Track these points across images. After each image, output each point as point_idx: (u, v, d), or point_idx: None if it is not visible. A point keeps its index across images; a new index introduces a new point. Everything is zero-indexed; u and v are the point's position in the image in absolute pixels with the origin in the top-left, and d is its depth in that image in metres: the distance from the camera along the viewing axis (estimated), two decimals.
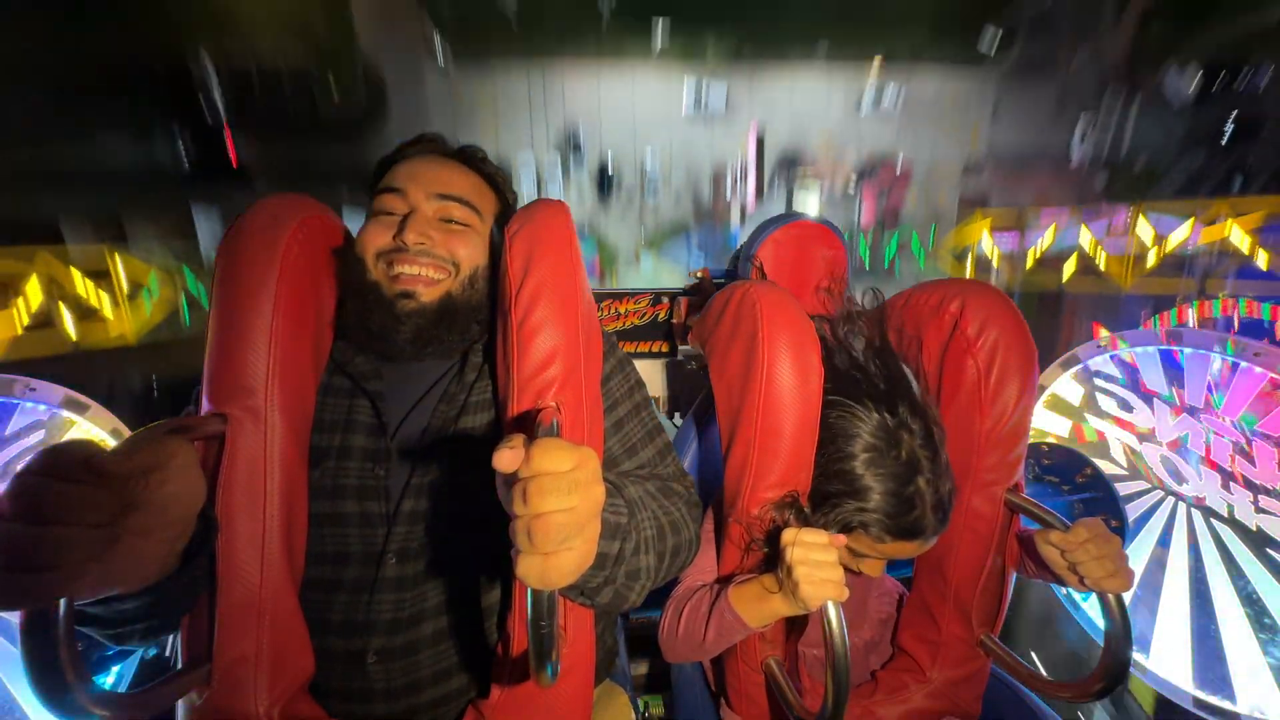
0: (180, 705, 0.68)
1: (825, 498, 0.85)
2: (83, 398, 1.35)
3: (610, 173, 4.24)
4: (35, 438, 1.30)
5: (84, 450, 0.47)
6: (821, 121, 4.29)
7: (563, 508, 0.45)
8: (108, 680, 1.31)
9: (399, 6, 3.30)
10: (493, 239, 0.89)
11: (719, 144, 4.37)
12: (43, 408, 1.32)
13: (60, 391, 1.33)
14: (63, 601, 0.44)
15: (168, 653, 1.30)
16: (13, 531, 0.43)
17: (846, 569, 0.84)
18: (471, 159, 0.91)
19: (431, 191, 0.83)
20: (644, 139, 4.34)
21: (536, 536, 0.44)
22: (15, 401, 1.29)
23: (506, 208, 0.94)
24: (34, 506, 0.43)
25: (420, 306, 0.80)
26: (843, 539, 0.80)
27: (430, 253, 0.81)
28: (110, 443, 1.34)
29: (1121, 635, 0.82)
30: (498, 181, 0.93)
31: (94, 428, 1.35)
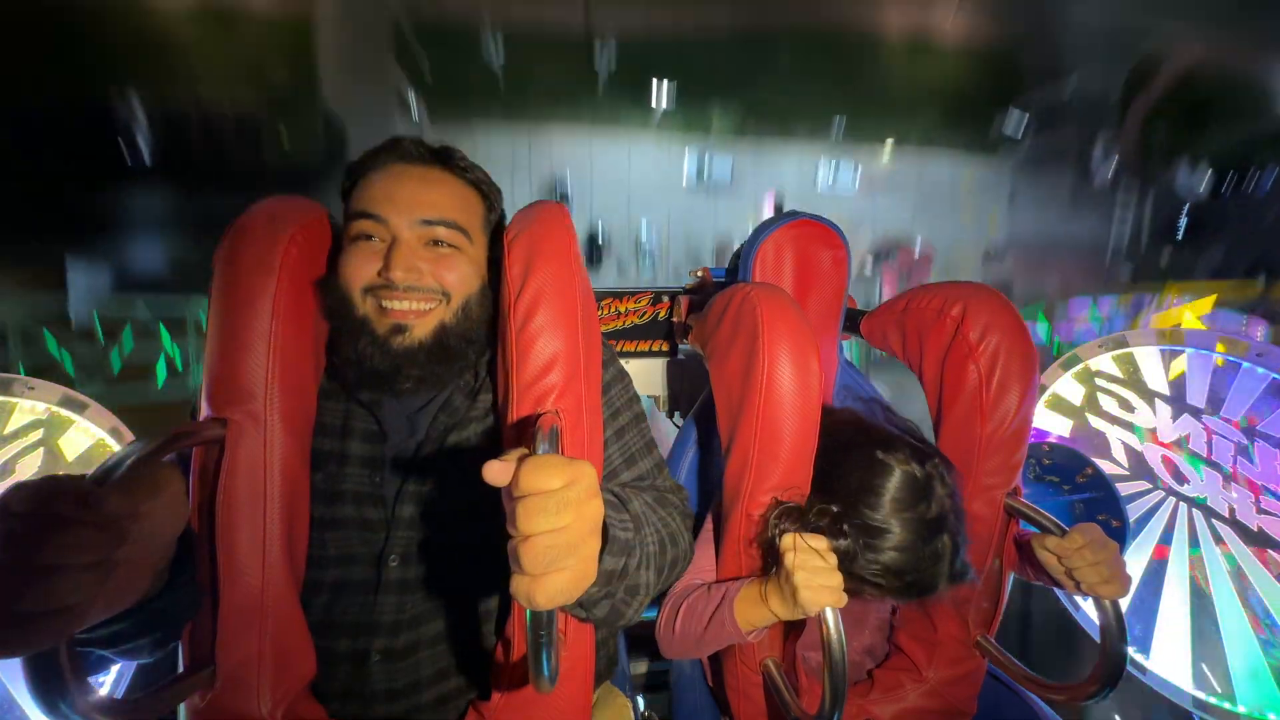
0: (183, 708, 0.68)
1: (840, 534, 0.81)
2: (81, 396, 1.34)
3: (600, 241, 3.88)
4: (34, 436, 1.29)
5: (78, 490, 0.46)
6: (832, 199, 4.07)
7: (551, 528, 0.45)
8: (108, 679, 1.32)
9: (372, 59, 3.02)
10: (485, 262, 0.85)
11: (723, 216, 4.11)
12: (41, 406, 1.31)
13: (59, 390, 1.32)
14: None
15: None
16: (13, 579, 0.42)
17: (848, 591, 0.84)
18: (451, 163, 0.83)
19: (414, 218, 0.76)
20: (640, 208, 4.02)
21: (524, 558, 0.44)
22: (14, 400, 1.29)
23: (494, 214, 0.89)
24: (32, 551, 0.42)
25: (415, 343, 0.76)
26: (841, 545, 0.80)
27: (418, 286, 0.76)
28: (110, 442, 1.34)
29: (1117, 638, 0.82)
30: (482, 188, 0.86)
31: (93, 426, 1.34)
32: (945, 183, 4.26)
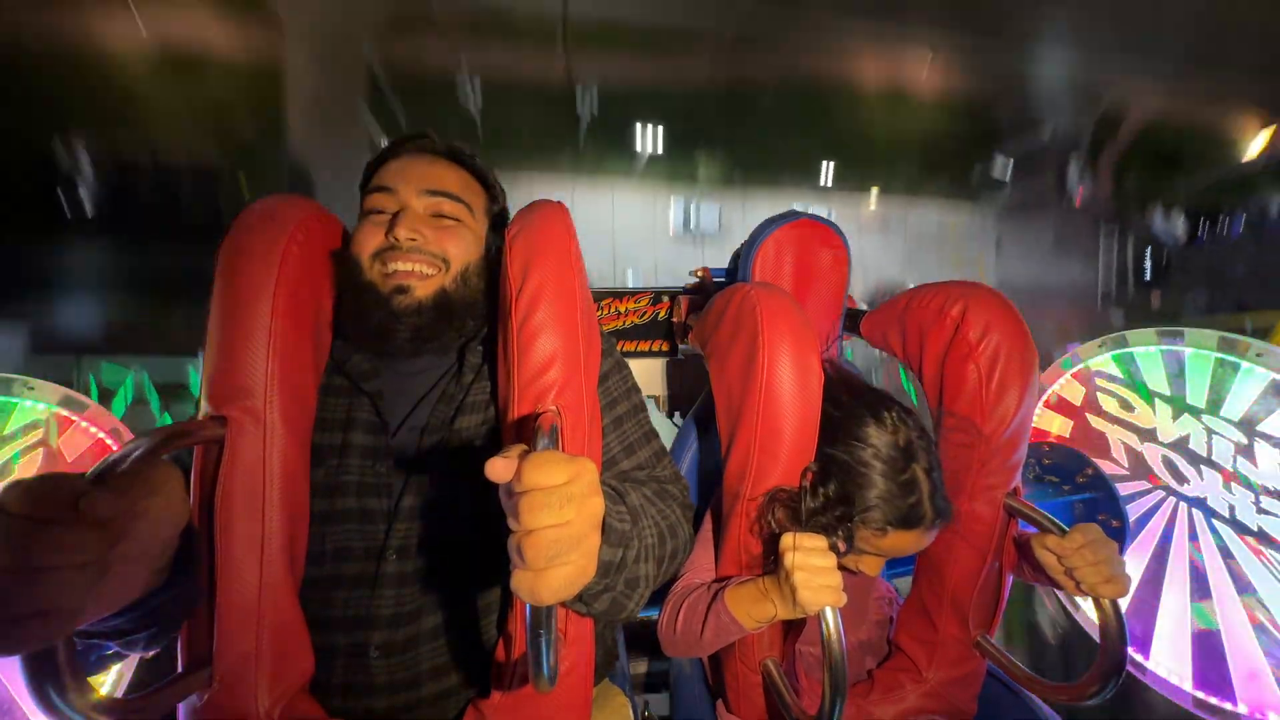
0: (181, 708, 0.68)
1: (825, 487, 0.85)
2: (82, 397, 1.33)
3: None
4: (34, 436, 1.28)
5: (72, 489, 0.45)
6: None
7: (555, 523, 0.45)
8: (106, 677, 1.32)
9: (343, 106, 2.86)
10: (485, 238, 0.91)
11: (712, 265, 4.06)
12: (41, 406, 1.29)
13: (59, 390, 1.31)
14: None
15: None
16: (6, 580, 0.42)
17: (844, 569, 0.85)
18: (460, 156, 0.91)
19: (421, 188, 0.83)
20: (625, 258, 4.01)
21: (528, 553, 0.44)
22: (14, 400, 1.28)
23: (496, 205, 0.95)
24: (26, 551, 0.42)
25: (416, 302, 0.81)
26: (840, 545, 0.80)
27: (421, 249, 0.81)
28: (110, 443, 1.34)
29: (1116, 638, 0.82)
30: (487, 179, 0.94)
31: (93, 427, 1.33)
32: (933, 229, 4.35)
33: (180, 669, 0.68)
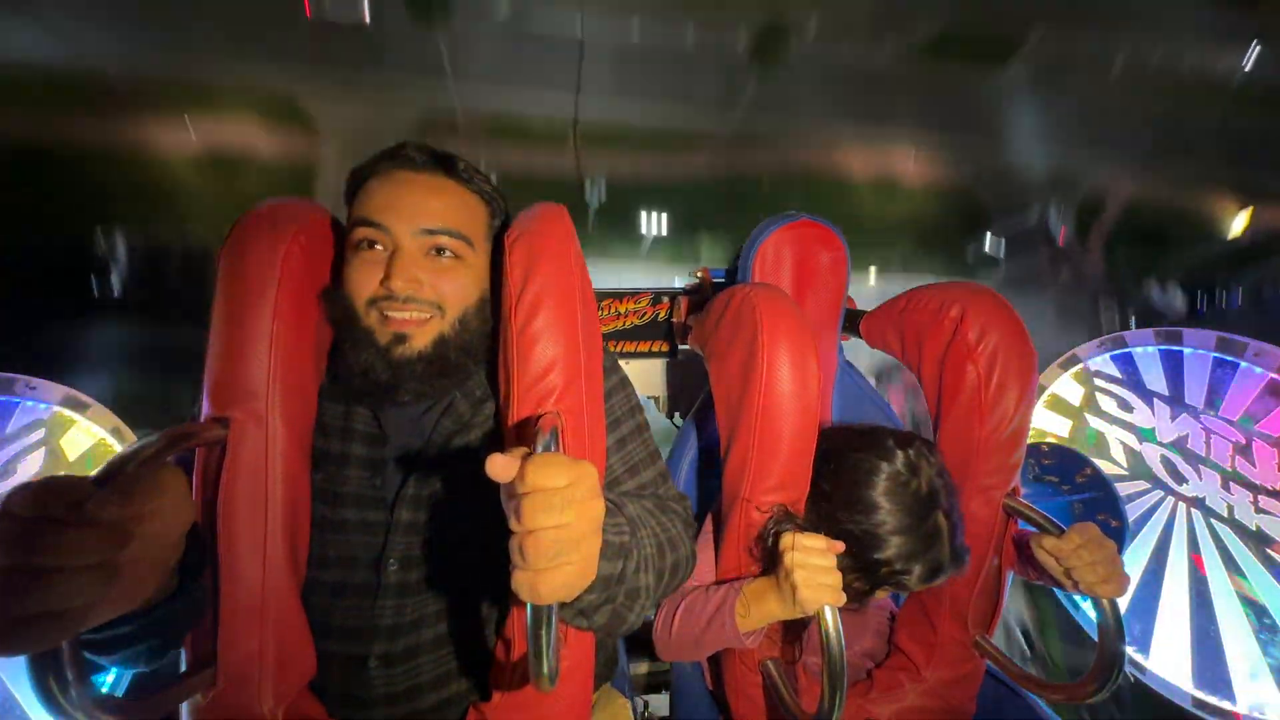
0: (185, 707, 0.68)
1: (846, 539, 0.84)
2: (83, 396, 1.33)
3: None
4: (36, 436, 1.29)
5: (78, 491, 0.46)
6: None
7: (555, 524, 0.45)
8: (107, 679, 1.32)
9: None
10: (487, 269, 0.84)
11: None
12: (43, 406, 1.30)
13: (61, 390, 1.32)
14: None
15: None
16: (14, 581, 0.42)
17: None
18: (455, 172, 0.82)
19: (416, 227, 0.75)
20: None
21: (528, 553, 0.45)
22: (15, 400, 1.29)
23: (498, 220, 0.87)
24: (30, 553, 0.42)
25: (415, 353, 0.76)
26: (840, 545, 0.80)
27: (416, 298, 0.76)
28: (111, 442, 1.34)
29: (1114, 638, 0.83)
30: (485, 195, 0.85)
31: (94, 426, 1.33)
32: None
33: (184, 669, 0.68)
